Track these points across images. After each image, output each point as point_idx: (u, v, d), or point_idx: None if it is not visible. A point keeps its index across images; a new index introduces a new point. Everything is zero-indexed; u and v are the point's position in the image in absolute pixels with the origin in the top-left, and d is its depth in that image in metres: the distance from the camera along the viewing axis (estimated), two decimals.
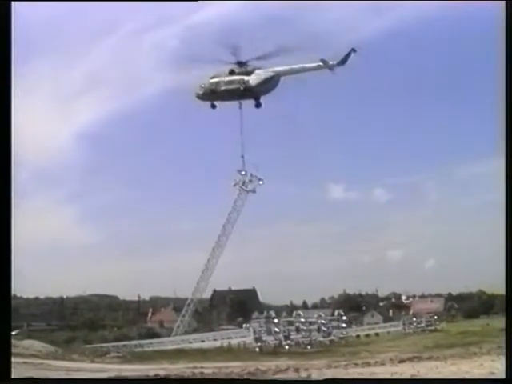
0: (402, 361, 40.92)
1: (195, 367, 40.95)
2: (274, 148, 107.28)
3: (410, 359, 41.36)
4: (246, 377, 35.36)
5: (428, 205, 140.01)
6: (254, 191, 79.86)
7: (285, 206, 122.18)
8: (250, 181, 79.29)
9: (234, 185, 79.87)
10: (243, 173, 78.66)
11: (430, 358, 41.12)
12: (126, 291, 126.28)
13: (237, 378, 35.02)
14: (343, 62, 69.45)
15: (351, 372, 36.61)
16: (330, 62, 69.61)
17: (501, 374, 23.46)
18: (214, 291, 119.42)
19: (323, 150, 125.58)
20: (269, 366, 40.47)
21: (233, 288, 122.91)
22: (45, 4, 78.62)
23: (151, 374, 36.43)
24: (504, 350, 23.29)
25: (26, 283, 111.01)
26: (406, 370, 34.46)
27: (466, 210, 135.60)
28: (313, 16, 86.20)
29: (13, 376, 24.33)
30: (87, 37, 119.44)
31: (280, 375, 35.98)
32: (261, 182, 79.32)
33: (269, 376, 35.65)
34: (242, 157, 76.57)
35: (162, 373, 36.93)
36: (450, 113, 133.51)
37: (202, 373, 37.23)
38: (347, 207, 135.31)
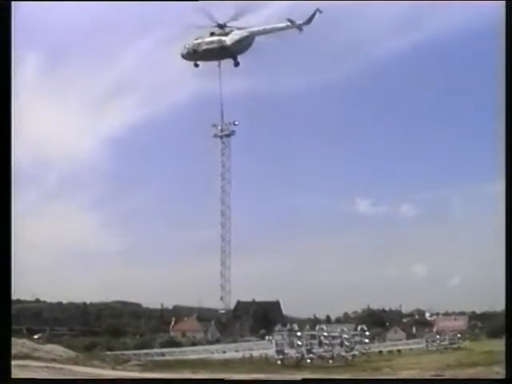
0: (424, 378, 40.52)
1: (216, 378, 40.70)
2: None
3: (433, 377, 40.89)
4: None
5: (454, 221, 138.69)
6: (233, 133, 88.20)
7: (310, 219, 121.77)
8: (226, 128, 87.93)
9: (214, 136, 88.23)
10: (218, 126, 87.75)
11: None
12: (149, 299, 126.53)
13: None
14: (309, 21, 76.28)
15: None
16: (297, 22, 76.52)
17: None
18: (238, 302, 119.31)
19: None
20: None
21: (256, 300, 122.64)
22: (75, 9, 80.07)
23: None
24: None
25: (49, 288, 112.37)
26: None
27: (493, 227, 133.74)
28: None
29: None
30: (117, 41, 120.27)
31: None
32: (236, 123, 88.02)
33: None
34: (221, 114, 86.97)
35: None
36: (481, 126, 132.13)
37: None
38: (373, 221, 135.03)
